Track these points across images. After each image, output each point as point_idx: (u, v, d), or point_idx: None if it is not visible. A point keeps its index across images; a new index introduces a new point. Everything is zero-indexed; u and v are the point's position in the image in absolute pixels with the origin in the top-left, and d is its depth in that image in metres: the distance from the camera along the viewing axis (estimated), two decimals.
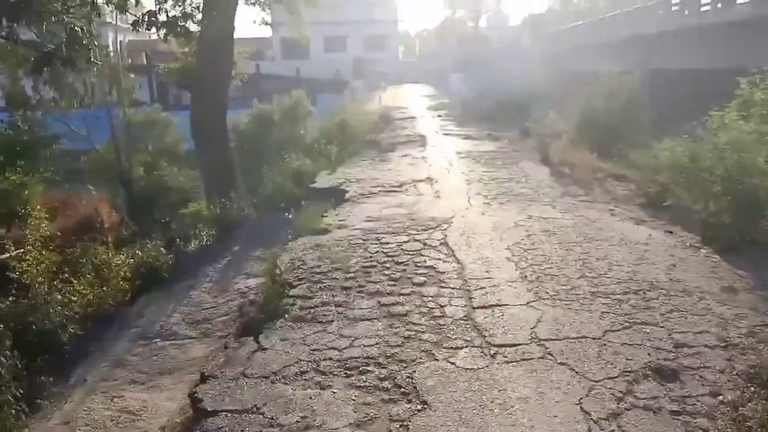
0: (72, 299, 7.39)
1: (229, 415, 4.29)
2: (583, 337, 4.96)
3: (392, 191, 11.21)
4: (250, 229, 10.93)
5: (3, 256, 8.82)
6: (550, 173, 12.49)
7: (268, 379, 4.63)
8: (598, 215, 9.02)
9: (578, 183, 11.59)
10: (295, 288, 6.49)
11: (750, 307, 5.65)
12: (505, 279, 6.30)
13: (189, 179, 19.34)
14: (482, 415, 4.04)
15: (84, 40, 6.87)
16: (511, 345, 4.87)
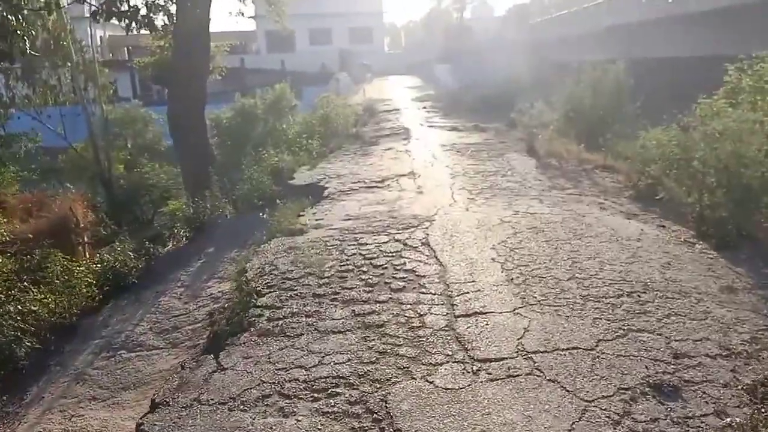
0: (32, 309, 6.92)
1: None
2: (575, 348, 4.54)
3: (373, 187, 10.74)
4: (225, 228, 10.46)
5: None
6: (537, 165, 12.08)
7: (225, 405, 4.15)
8: (587, 209, 8.61)
9: (565, 175, 11.20)
10: (264, 297, 6.00)
11: (751, 308, 5.26)
12: (489, 282, 5.86)
13: (171, 176, 18.75)
14: None
15: (17, 30, 6.26)
16: (495, 359, 4.43)
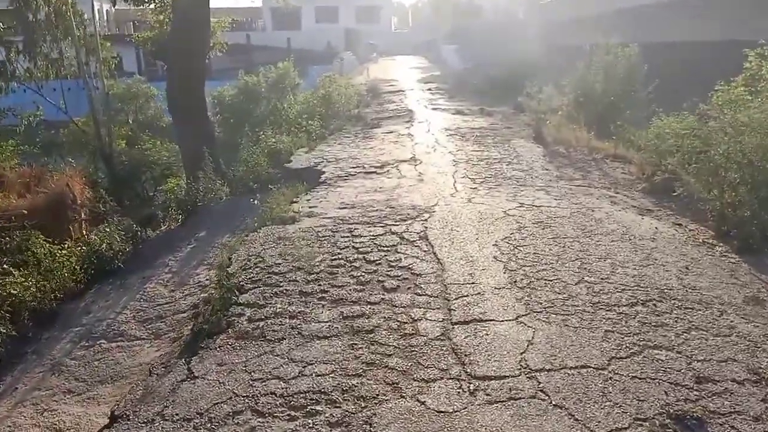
0: (11, 293, 6.54)
1: None
2: (584, 366, 4.06)
3: (372, 173, 10.22)
4: (218, 212, 9.99)
5: None
6: (544, 153, 11.53)
7: (190, 423, 3.70)
8: (597, 203, 8.09)
9: (574, 165, 10.66)
10: (247, 293, 5.54)
11: None
12: (491, 284, 5.38)
13: (172, 153, 18.27)
14: None
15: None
16: (495, 377, 3.96)
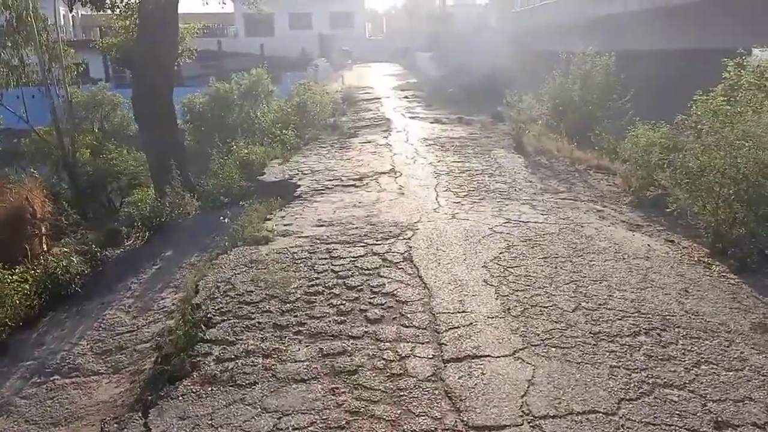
0: None
1: None
2: (592, 411, 3.67)
3: (350, 186, 9.76)
4: (186, 229, 9.41)
5: None
6: (526, 164, 11.22)
7: None
8: (585, 218, 7.78)
9: (558, 176, 10.36)
10: (215, 327, 5.03)
11: None
12: (483, 313, 4.97)
13: (140, 162, 17.56)
14: None
15: None
16: (495, 427, 3.54)
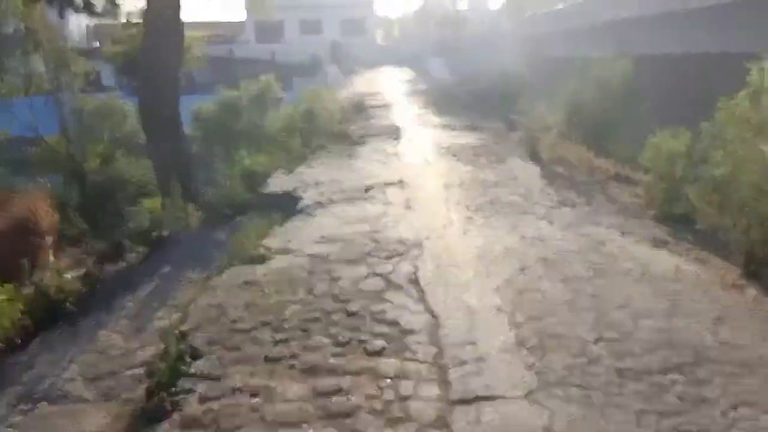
0: None
1: None
2: None
3: (355, 199, 9.34)
4: (186, 244, 9.03)
5: None
6: (542, 174, 10.72)
7: None
8: (607, 234, 7.26)
9: (576, 187, 9.84)
10: (201, 359, 4.61)
11: None
12: (495, 346, 4.50)
13: (148, 171, 17.38)
14: None
15: None
16: None
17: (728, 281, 5.81)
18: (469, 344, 4.54)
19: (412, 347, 4.55)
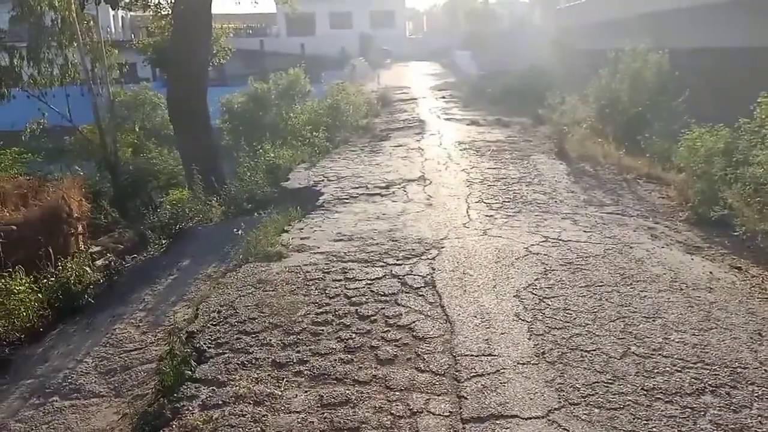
0: None
1: None
2: None
3: (376, 194, 9.13)
4: (205, 237, 8.98)
5: None
6: (568, 171, 10.35)
7: None
8: (635, 237, 6.91)
9: (603, 186, 9.47)
10: (207, 363, 4.46)
11: None
12: (513, 357, 4.25)
13: (178, 161, 17.52)
14: None
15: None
16: None
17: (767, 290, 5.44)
18: (485, 355, 4.29)
19: (425, 357, 4.32)
